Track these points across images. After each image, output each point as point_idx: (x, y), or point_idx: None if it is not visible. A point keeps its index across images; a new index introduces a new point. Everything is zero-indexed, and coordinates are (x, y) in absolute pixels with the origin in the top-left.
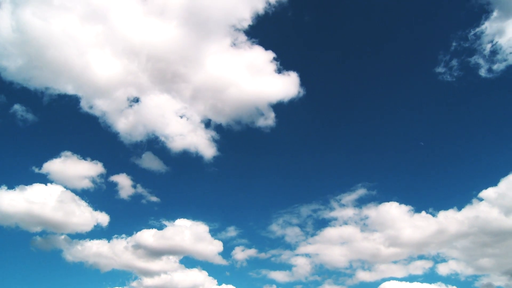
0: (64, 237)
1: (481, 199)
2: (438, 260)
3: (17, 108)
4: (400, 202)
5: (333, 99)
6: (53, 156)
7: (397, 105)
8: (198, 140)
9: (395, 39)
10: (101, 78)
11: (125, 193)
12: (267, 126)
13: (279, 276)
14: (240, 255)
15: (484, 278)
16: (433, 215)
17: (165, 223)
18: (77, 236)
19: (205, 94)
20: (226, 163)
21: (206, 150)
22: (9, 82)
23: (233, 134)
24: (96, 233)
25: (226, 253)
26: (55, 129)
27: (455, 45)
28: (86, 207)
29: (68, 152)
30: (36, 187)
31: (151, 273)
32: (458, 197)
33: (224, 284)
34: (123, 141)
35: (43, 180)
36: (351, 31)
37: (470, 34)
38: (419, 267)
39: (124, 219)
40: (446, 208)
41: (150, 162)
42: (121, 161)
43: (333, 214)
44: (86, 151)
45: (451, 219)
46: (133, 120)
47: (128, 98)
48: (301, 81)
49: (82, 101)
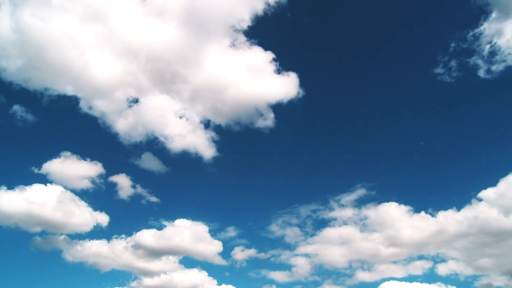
0: (64, 237)
1: (480, 200)
2: (438, 260)
3: (17, 109)
4: (399, 202)
5: (332, 99)
6: (53, 157)
7: (396, 106)
8: (198, 141)
9: (394, 40)
10: (100, 78)
11: (125, 194)
12: (266, 126)
13: (279, 276)
14: (239, 255)
15: (484, 278)
16: (433, 215)
17: (165, 223)
18: (76, 236)
19: (205, 95)
20: (225, 163)
21: (206, 151)
22: (8, 82)
23: (232, 135)
24: (95, 233)
25: (225, 253)
26: (54, 129)
27: (453, 46)
28: (86, 207)
29: (68, 153)
30: (36, 188)
31: (150, 273)
32: (458, 197)
33: (224, 284)
34: (123, 141)
35: (43, 180)
36: (350, 32)
37: (468, 35)
38: (419, 267)
39: (123, 219)
40: (445, 209)
41: (150, 163)
42: (121, 162)
43: (333, 214)
44: (86, 152)
45: (450, 219)
46: (133, 121)
47: (128, 99)
48: (301, 81)
49: (81, 101)
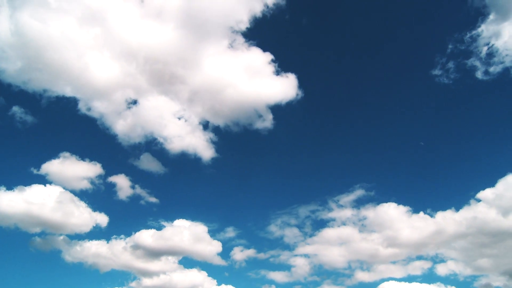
0: (63, 237)
1: (478, 200)
2: (437, 260)
3: (16, 110)
4: (398, 202)
5: (331, 100)
6: (52, 157)
7: (394, 107)
8: (196, 142)
9: (392, 41)
10: (99, 80)
11: (124, 194)
12: (265, 128)
13: (278, 276)
14: (239, 256)
15: (483, 278)
16: (431, 215)
17: (164, 223)
18: (76, 236)
19: (203, 96)
20: (224, 164)
21: (204, 152)
22: (7, 84)
23: (231, 136)
24: (95, 234)
25: (225, 254)
26: (53, 130)
27: (451, 47)
28: (85, 208)
29: (67, 153)
30: (35, 188)
31: (150, 274)
32: (456, 198)
33: (224, 284)
34: (122, 142)
35: (42, 181)
36: (348, 33)
37: (466, 36)
38: (418, 267)
39: (123, 219)
40: (444, 209)
41: (149, 163)
42: (120, 162)
43: (332, 215)
44: (85, 152)
45: (449, 220)
46: (131, 122)
47: (126, 100)
48: (299, 83)
49: (80, 103)
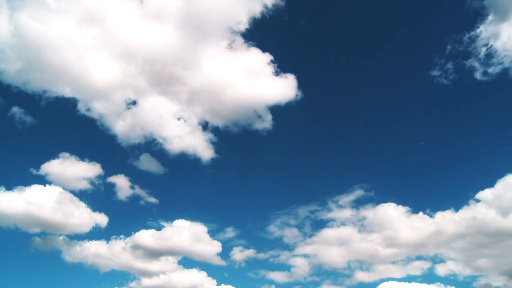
0: (63, 238)
1: (478, 200)
2: (436, 260)
3: (16, 111)
4: (397, 203)
5: (330, 101)
6: (52, 158)
7: (393, 108)
8: (196, 142)
9: (391, 42)
10: (98, 81)
11: (124, 194)
12: (264, 128)
13: (278, 276)
14: (238, 256)
15: (482, 278)
16: (431, 216)
17: (164, 224)
18: (76, 237)
19: (203, 97)
20: (223, 165)
21: (204, 152)
22: (7, 85)
23: (230, 136)
24: (94, 234)
25: (224, 254)
26: (53, 131)
27: (450, 48)
28: (85, 208)
29: (66, 154)
30: (35, 188)
31: (149, 274)
32: (455, 198)
33: (223, 284)
34: (121, 143)
35: (42, 181)
36: (347, 34)
37: (465, 37)
38: (418, 267)
39: (122, 220)
40: (443, 209)
41: (148, 164)
42: (119, 163)
43: (331, 215)
44: (85, 153)
45: (448, 220)
46: (131, 123)
47: (126, 101)
48: (299, 83)
49: (80, 103)
